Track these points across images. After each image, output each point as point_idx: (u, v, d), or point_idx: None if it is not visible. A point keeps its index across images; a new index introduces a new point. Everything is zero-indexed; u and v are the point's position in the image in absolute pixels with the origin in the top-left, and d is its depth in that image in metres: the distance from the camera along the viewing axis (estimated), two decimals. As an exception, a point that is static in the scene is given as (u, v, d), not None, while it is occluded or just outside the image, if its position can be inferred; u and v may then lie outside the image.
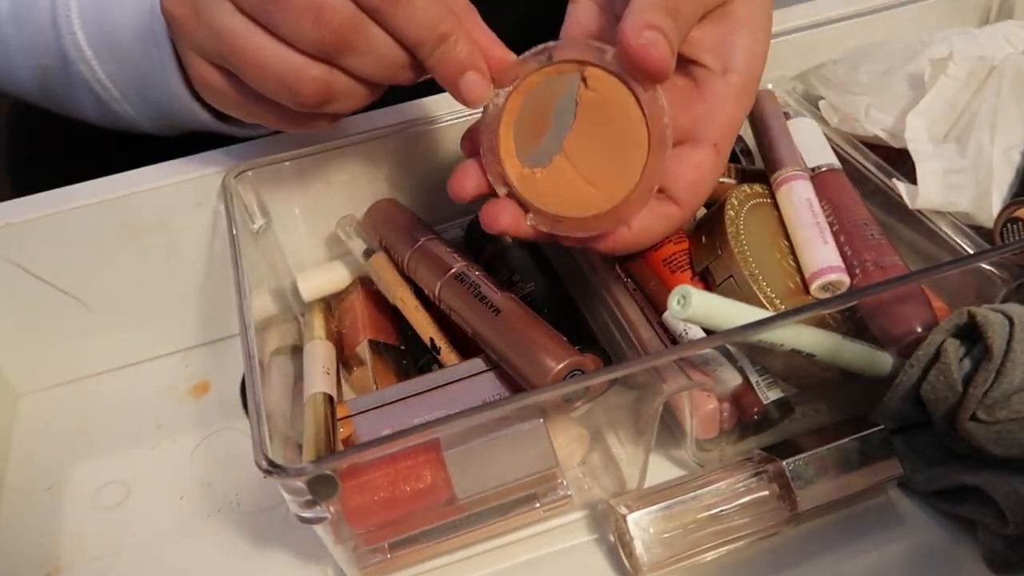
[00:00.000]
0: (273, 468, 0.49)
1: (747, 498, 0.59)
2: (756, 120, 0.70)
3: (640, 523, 0.58)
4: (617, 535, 0.61)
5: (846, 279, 0.62)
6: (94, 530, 0.67)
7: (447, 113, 0.73)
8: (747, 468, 0.60)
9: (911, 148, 0.68)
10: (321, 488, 0.51)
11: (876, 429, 0.61)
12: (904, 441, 0.63)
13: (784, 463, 0.59)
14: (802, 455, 0.59)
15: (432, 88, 0.74)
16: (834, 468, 0.59)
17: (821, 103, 0.77)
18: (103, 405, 0.77)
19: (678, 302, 0.56)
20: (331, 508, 0.53)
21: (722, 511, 0.59)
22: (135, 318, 0.77)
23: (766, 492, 0.60)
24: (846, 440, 0.60)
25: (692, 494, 0.59)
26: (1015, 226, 0.63)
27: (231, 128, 0.71)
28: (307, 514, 0.52)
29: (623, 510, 0.59)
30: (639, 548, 0.58)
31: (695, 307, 0.55)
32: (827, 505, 0.60)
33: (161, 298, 0.76)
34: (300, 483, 0.50)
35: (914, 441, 0.63)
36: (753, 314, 0.57)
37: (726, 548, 0.60)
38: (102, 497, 0.69)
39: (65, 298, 0.73)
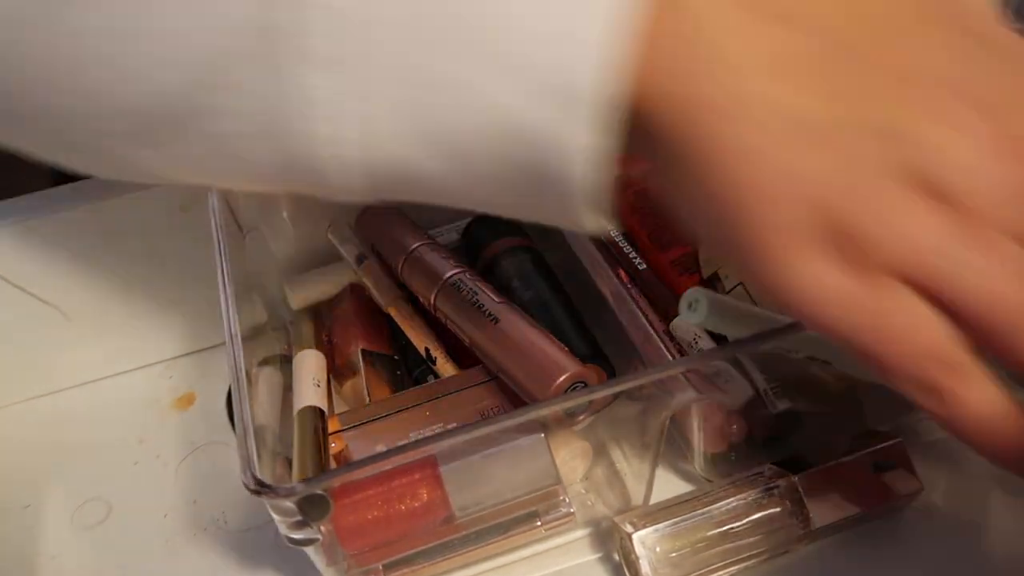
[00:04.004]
0: (262, 488, 0.47)
1: (758, 515, 0.58)
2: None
3: (646, 542, 0.56)
4: (622, 554, 0.59)
5: (860, 285, 0.59)
6: (74, 550, 0.65)
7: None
8: (758, 483, 0.59)
9: None
10: (313, 509, 0.49)
11: (893, 442, 0.59)
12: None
13: (796, 478, 0.57)
14: (815, 469, 0.58)
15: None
16: (849, 483, 0.58)
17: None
18: (83, 419, 0.74)
19: (690, 306, 0.54)
20: (323, 529, 0.51)
21: (732, 528, 0.57)
22: (116, 327, 0.74)
23: (778, 508, 0.58)
24: (861, 454, 0.59)
25: (700, 511, 0.57)
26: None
27: None
28: (297, 535, 0.50)
29: (628, 528, 0.57)
30: (645, 568, 0.56)
31: (707, 310, 0.53)
32: (842, 522, 0.58)
33: (143, 306, 0.74)
34: (290, 503, 0.48)
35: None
36: (768, 319, 0.55)
37: (736, 567, 0.58)
38: (82, 516, 0.67)
39: (43, 307, 0.71)
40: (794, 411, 0.59)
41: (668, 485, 0.64)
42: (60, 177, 0.69)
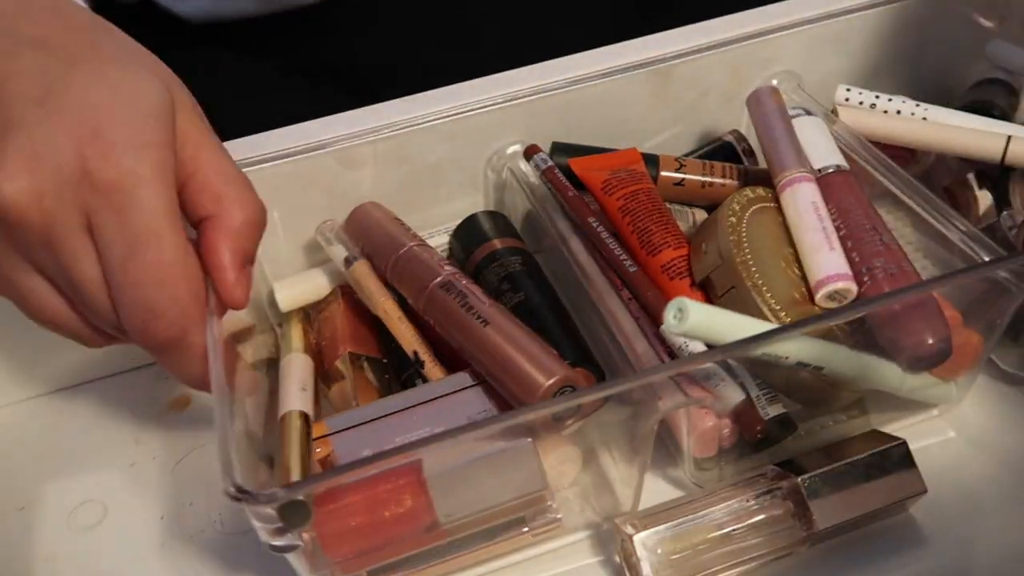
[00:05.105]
0: (241, 495, 0.47)
1: (760, 517, 0.57)
2: (759, 119, 0.67)
3: (647, 543, 0.56)
4: (623, 556, 0.58)
5: (853, 287, 0.59)
6: (69, 552, 0.65)
7: (432, 113, 0.70)
8: (760, 485, 0.58)
9: None
10: (293, 515, 0.48)
11: (896, 443, 0.58)
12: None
13: (799, 480, 0.57)
14: (818, 471, 0.57)
15: (417, 87, 0.72)
16: (852, 485, 0.57)
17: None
18: (78, 420, 0.74)
19: (674, 316, 0.53)
20: (305, 535, 0.50)
21: (734, 531, 0.57)
22: (113, 327, 0.73)
23: (780, 510, 0.57)
24: (865, 455, 0.58)
25: (702, 513, 0.57)
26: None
27: None
28: (278, 542, 0.50)
29: (629, 530, 0.56)
30: (646, 570, 0.55)
31: (692, 321, 0.53)
32: (845, 524, 0.57)
33: (140, 306, 0.73)
34: (270, 510, 0.48)
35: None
36: (755, 327, 0.54)
37: (738, 570, 0.57)
38: (78, 517, 0.67)
39: (39, 306, 0.70)
40: (784, 415, 0.59)
41: (658, 491, 0.63)
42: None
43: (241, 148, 0.69)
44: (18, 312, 0.68)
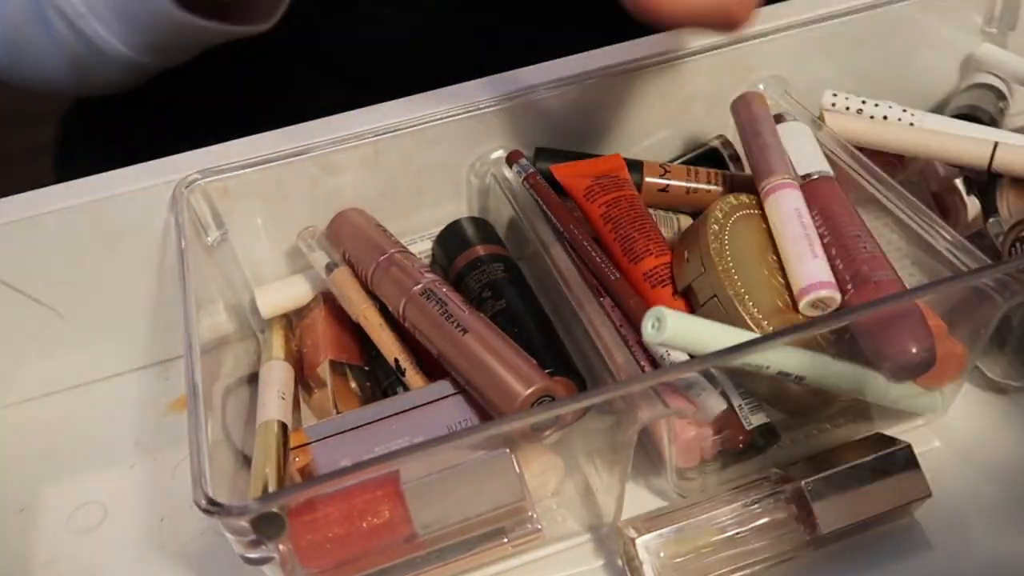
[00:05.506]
0: (213, 507, 0.47)
1: (763, 520, 0.57)
2: (744, 124, 0.67)
3: (650, 547, 0.55)
4: (626, 559, 0.58)
5: (837, 296, 0.58)
6: (69, 554, 0.65)
7: (416, 118, 0.70)
8: (763, 488, 0.58)
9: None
10: (266, 527, 0.48)
11: (900, 447, 0.58)
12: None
13: (803, 483, 0.56)
14: (822, 474, 0.57)
15: (400, 91, 0.71)
16: (856, 488, 0.57)
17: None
18: (78, 421, 0.74)
19: (652, 326, 0.53)
20: (280, 547, 0.50)
21: (737, 534, 0.56)
22: (112, 328, 0.74)
23: (784, 514, 0.57)
24: (869, 459, 0.57)
25: (705, 516, 0.57)
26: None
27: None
28: (252, 554, 0.50)
29: (632, 533, 0.56)
30: (649, 573, 0.55)
31: (670, 331, 0.52)
32: (849, 528, 0.57)
33: (139, 307, 0.73)
34: (243, 522, 0.47)
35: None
36: (734, 336, 0.54)
37: (741, 573, 0.57)
38: (77, 519, 0.67)
39: (37, 307, 0.71)
40: (768, 425, 0.58)
41: (642, 501, 0.63)
42: (57, 176, 0.69)
43: (222, 153, 0.69)
44: (18, 314, 0.69)
